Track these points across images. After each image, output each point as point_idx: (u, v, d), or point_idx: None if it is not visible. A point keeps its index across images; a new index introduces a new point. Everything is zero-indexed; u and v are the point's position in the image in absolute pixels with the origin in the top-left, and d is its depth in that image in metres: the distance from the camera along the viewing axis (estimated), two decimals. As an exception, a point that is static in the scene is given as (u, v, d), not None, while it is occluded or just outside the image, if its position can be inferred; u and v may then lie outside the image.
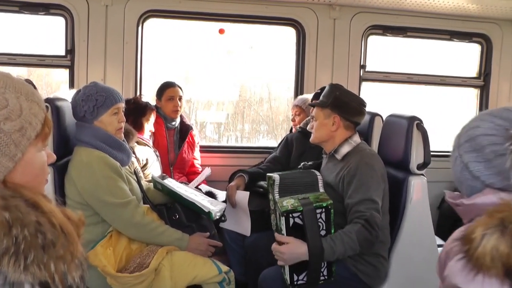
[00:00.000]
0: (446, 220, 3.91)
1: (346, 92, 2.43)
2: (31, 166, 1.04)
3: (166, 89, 3.48)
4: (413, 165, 2.46)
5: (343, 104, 2.36)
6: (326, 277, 2.16)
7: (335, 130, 2.38)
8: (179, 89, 3.50)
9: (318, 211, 2.07)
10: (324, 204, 2.08)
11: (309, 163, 2.62)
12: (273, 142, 4.42)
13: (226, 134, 4.62)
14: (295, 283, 2.14)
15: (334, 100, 2.36)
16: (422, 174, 2.51)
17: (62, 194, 2.27)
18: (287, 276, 2.14)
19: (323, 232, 2.10)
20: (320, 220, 2.08)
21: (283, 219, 2.08)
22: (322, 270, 2.13)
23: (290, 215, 2.08)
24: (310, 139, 2.48)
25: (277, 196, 2.20)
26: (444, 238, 3.28)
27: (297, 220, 2.08)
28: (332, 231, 2.12)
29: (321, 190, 2.23)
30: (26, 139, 1.01)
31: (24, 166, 1.02)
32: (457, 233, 1.16)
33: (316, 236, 2.05)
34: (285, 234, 2.11)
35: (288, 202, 2.11)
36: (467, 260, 1.06)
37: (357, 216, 2.14)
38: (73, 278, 1.03)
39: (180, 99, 3.48)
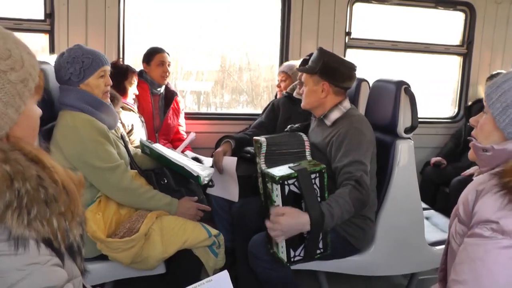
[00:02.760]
0: (428, 185, 4.01)
1: (335, 58, 2.37)
2: (30, 119, 1.02)
3: (156, 54, 3.43)
4: (400, 129, 2.47)
5: (332, 70, 2.33)
6: (322, 250, 2.09)
7: (325, 97, 2.36)
8: (167, 55, 3.47)
9: (313, 176, 1.99)
10: (318, 169, 1.99)
11: (296, 125, 2.61)
12: (257, 110, 4.40)
13: (206, 104, 4.57)
14: (292, 259, 2.05)
15: (322, 67, 2.32)
16: (409, 138, 2.53)
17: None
18: (283, 254, 2.03)
19: (318, 199, 2.00)
20: (315, 185, 2.00)
21: (278, 187, 1.94)
22: (319, 242, 2.06)
23: (286, 182, 1.94)
24: (301, 105, 2.46)
25: (264, 166, 2.14)
26: (427, 203, 3.38)
27: (293, 188, 1.95)
28: (326, 196, 2.04)
29: (308, 153, 2.21)
30: (27, 90, 0.99)
31: (25, 118, 1.00)
32: (489, 173, 1.18)
33: (314, 202, 1.95)
34: (280, 205, 1.97)
35: (281, 170, 1.99)
36: (505, 192, 1.07)
37: (347, 178, 2.14)
38: (74, 236, 1.02)
39: (169, 65, 3.46)
